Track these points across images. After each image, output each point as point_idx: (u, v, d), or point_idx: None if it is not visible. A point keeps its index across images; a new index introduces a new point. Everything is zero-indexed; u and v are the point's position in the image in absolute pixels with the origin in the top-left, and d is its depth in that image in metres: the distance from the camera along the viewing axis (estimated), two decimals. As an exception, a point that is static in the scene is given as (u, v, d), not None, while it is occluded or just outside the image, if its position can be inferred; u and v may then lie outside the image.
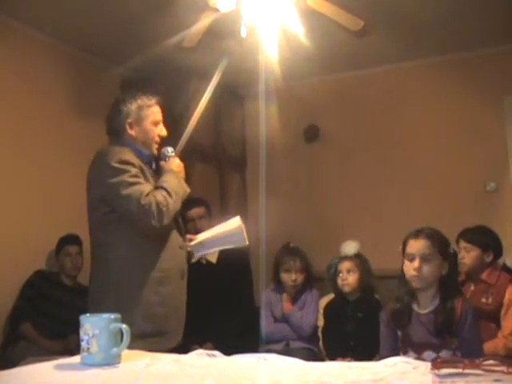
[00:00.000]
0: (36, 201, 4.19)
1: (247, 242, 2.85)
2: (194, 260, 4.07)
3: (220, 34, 3.75)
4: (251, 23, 3.19)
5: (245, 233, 2.84)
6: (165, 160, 2.83)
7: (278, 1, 3.13)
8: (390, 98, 5.33)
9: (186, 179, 2.91)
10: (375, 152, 5.34)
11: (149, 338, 2.46)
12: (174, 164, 2.82)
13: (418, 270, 2.61)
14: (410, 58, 5.17)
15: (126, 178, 2.54)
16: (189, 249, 2.90)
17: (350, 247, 4.02)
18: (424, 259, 2.62)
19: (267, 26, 3.27)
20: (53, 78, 4.46)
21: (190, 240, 2.92)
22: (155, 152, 2.82)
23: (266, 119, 4.91)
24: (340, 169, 5.51)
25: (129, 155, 2.63)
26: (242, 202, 5.69)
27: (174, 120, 4.51)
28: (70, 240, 4.11)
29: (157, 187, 2.64)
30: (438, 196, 5.03)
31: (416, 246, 2.65)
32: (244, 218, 2.96)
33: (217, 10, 3.21)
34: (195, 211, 4.06)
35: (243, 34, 3.22)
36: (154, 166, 2.84)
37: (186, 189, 2.81)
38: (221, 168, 5.47)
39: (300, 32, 3.42)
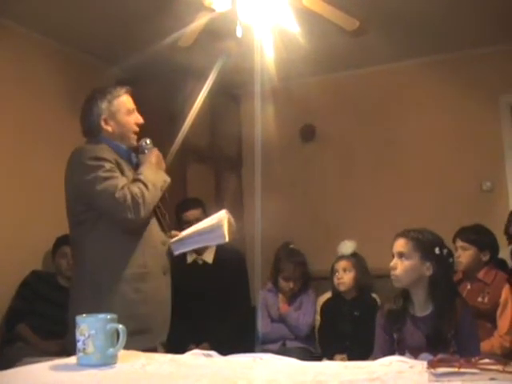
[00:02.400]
0: (32, 201, 4.18)
1: (227, 239, 2.70)
2: (189, 260, 4.10)
3: (216, 33, 3.76)
4: (247, 23, 3.19)
5: (225, 229, 2.69)
6: (144, 152, 2.78)
7: (274, 0, 3.13)
8: (386, 97, 5.34)
9: (181, 179, 2.90)
10: (371, 151, 5.34)
11: (131, 337, 2.41)
12: (152, 155, 2.77)
13: (394, 268, 2.64)
14: (406, 58, 5.17)
15: (99, 173, 2.51)
16: (170, 246, 2.81)
17: (347, 247, 4.04)
18: (399, 258, 2.64)
19: (263, 25, 3.26)
20: (48, 78, 4.46)
21: (173, 236, 2.84)
22: (134, 142, 2.78)
23: (262, 119, 4.92)
24: (336, 168, 5.51)
25: (103, 151, 2.60)
26: (238, 201, 5.68)
27: (170, 120, 4.54)
28: (66, 241, 4.09)
29: (133, 180, 2.60)
30: (433, 195, 5.04)
31: (394, 245, 2.69)
32: (240, 218, 2.91)
33: (212, 10, 3.20)
34: (191, 213, 4.04)
35: (239, 33, 3.22)
36: (134, 160, 2.80)
37: (165, 179, 2.74)
38: (217, 168, 5.47)
39: (296, 32, 3.42)
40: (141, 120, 2.80)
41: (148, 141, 2.81)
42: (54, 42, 4.49)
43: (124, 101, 2.76)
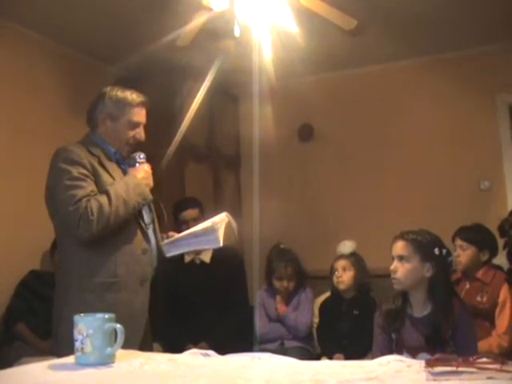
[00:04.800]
0: (31, 201, 4.16)
1: (221, 244, 2.59)
2: (187, 260, 4.10)
3: (214, 33, 3.76)
4: (245, 22, 3.19)
5: (219, 233, 2.59)
6: (134, 165, 2.68)
7: (272, 0, 3.13)
8: (384, 96, 5.34)
9: (179, 178, 2.88)
10: (369, 151, 5.34)
11: None
12: (140, 170, 2.65)
13: (394, 271, 2.63)
14: (404, 57, 5.17)
15: (64, 180, 2.45)
16: (163, 247, 2.72)
17: (346, 246, 4.05)
18: (399, 261, 2.64)
19: (261, 25, 3.26)
20: (47, 77, 4.45)
21: (170, 237, 2.75)
22: (125, 155, 2.69)
23: (260, 119, 4.91)
24: (334, 168, 5.51)
25: (79, 154, 2.52)
26: (236, 201, 5.69)
27: (168, 119, 4.54)
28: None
29: (102, 192, 2.49)
30: (431, 194, 5.04)
31: (394, 248, 2.69)
32: (238, 218, 2.88)
33: (210, 10, 3.21)
34: (189, 213, 4.04)
35: (237, 33, 3.22)
36: (124, 166, 2.70)
37: (144, 195, 2.59)
38: (215, 167, 5.47)
39: (294, 31, 3.42)
40: (141, 138, 2.70)
41: (142, 155, 2.71)
42: (52, 42, 4.49)
43: (134, 112, 2.67)
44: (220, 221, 2.64)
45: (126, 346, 2.53)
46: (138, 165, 2.69)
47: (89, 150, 2.60)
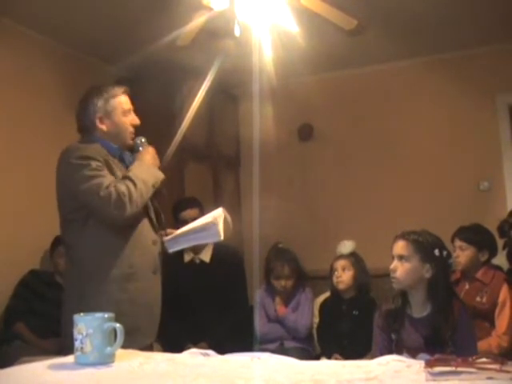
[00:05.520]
0: (31, 200, 4.18)
1: (222, 237, 2.70)
2: (186, 259, 4.10)
3: (214, 33, 3.76)
4: (245, 22, 3.19)
5: (220, 227, 2.68)
6: (138, 150, 2.77)
7: (272, 0, 3.13)
8: (384, 96, 5.34)
9: (179, 178, 2.88)
10: (369, 151, 5.34)
11: None
12: (146, 153, 2.75)
13: (394, 270, 2.64)
14: (404, 57, 5.18)
15: (85, 172, 2.50)
16: (164, 244, 2.81)
17: (346, 246, 4.04)
18: (399, 260, 2.65)
19: (261, 24, 3.26)
20: (47, 77, 4.45)
21: (168, 234, 2.83)
22: (130, 142, 2.77)
23: (259, 118, 4.91)
24: (334, 168, 5.51)
25: (91, 150, 2.59)
26: (235, 201, 5.69)
27: (168, 119, 4.54)
28: (64, 240, 4.10)
29: (122, 177, 2.59)
30: (431, 195, 5.04)
31: (394, 247, 2.70)
32: (238, 217, 2.90)
33: (210, 9, 3.21)
34: (188, 213, 4.03)
35: (237, 33, 3.22)
36: (128, 159, 2.78)
37: (157, 175, 2.72)
38: (215, 167, 5.47)
39: (294, 31, 3.42)
40: (137, 121, 2.79)
41: (143, 139, 2.80)
42: (52, 42, 4.49)
43: (121, 101, 2.75)
44: (218, 216, 2.71)
45: (145, 336, 2.62)
46: (141, 149, 2.78)
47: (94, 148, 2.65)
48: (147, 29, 4.10)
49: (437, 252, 2.61)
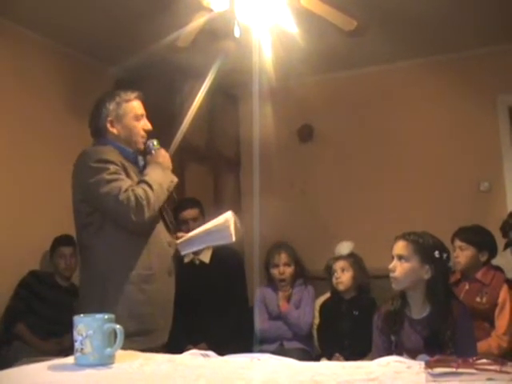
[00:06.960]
0: (31, 201, 4.18)
1: (234, 239, 2.76)
2: (186, 260, 4.09)
3: (214, 34, 3.76)
4: (245, 23, 3.19)
5: (232, 229, 2.74)
6: (151, 153, 2.79)
7: (272, 0, 3.13)
8: (384, 97, 5.34)
9: (179, 179, 2.88)
10: (369, 152, 5.34)
11: (135, 337, 2.37)
12: (159, 156, 2.77)
13: (393, 270, 2.65)
14: (404, 58, 5.18)
15: (104, 176, 2.52)
16: (177, 246, 2.85)
17: (344, 247, 4.04)
18: (399, 260, 2.65)
19: (261, 25, 3.26)
20: (47, 77, 4.45)
21: (179, 238, 2.87)
22: (142, 147, 2.79)
23: (260, 119, 4.91)
24: (334, 169, 5.51)
25: (109, 154, 2.61)
26: (236, 202, 5.68)
27: (168, 120, 4.53)
28: (65, 241, 4.10)
29: (138, 181, 2.61)
30: (431, 195, 5.04)
31: (394, 247, 2.71)
32: (238, 218, 2.91)
33: (210, 10, 3.20)
34: (189, 213, 4.05)
35: (237, 34, 3.22)
36: (141, 162, 2.80)
37: (172, 179, 2.75)
38: (215, 168, 5.47)
39: (294, 32, 3.42)
40: (149, 126, 2.81)
41: (155, 142, 2.81)
42: (52, 42, 4.49)
43: (133, 105, 2.78)
44: (229, 218, 2.77)
45: (162, 335, 2.69)
46: (153, 151, 2.79)
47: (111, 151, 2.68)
48: (147, 30, 4.10)
49: (437, 254, 2.61)
